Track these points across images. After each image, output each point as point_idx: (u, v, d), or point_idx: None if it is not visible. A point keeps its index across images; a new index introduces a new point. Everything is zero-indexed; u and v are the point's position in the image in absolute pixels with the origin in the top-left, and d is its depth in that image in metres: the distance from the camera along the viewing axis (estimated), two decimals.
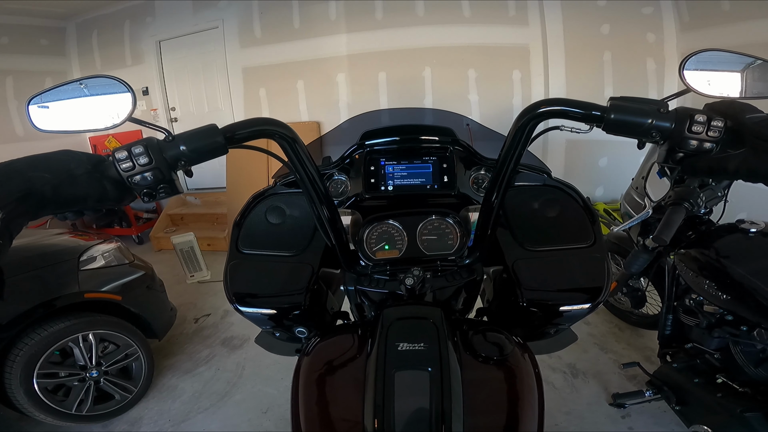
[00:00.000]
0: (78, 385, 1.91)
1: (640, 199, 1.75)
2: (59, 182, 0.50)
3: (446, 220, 0.85)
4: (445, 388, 0.55)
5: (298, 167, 0.66)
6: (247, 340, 2.68)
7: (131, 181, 0.54)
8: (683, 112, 0.56)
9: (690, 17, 3.56)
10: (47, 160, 0.51)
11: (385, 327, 0.64)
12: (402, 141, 0.93)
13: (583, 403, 1.97)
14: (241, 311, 0.82)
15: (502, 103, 4.15)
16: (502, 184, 0.70)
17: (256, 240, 0.88)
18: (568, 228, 0.85)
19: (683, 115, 0.55)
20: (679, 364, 1.55)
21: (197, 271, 3.66)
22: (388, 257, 0.83)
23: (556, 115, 0.59)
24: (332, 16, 4.36)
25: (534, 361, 0.67)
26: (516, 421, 0.59)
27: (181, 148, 0.56)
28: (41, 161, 0.50)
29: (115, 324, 2.04)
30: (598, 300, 0.77)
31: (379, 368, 0.58)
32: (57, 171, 0.50)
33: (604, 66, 3.88)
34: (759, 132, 0.50)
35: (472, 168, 0.94)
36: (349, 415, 0.59)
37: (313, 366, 0.68)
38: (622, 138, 0.60)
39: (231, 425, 2.00)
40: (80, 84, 0.58)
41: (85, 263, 1.98)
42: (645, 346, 2.33)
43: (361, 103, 4.44)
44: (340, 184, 0.95)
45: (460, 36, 4.11)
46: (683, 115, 0.55)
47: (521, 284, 0.78)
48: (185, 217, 4.89)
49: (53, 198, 0.50)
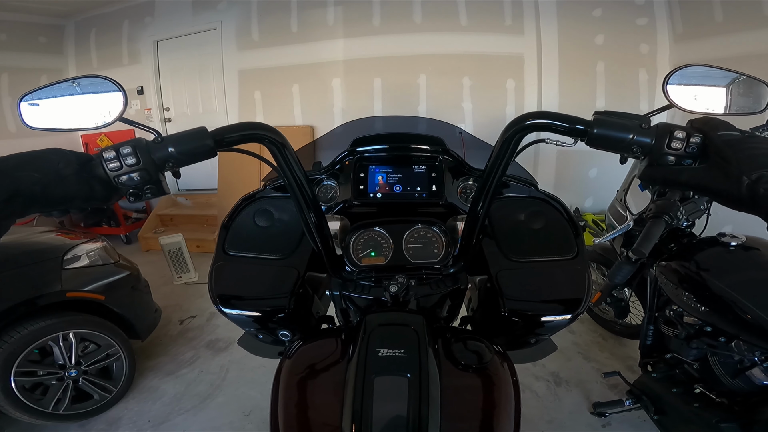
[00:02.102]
0: (56, 384, 1.89)
1: (623, 211, 1.77)
2: (47, 182, 0.49)
3: (432, 229, 0.85)
4: (423, 394, 0.55)
5: (287, 172, 0.67)
6: (232, 342, 2.65)
7: (118, 180, 0.54)
8: (663, 127, 0.56)
9: (684, 28, 3.59)
10: (36, 159, 0.50)
11: (367, 332, 0.64)
12: (392, 149, 0.94)
13: (565, 411, 1.98)
14: (224, 312, 0.82)
15: (496, 112, 4.18)
16: (488, 194, 0.70)
17: (244, 242, 0.88)
18: (552, 240, 0.86)
19: (663, 130, 0.56)
20: (659, 374, 1.57)
21: (185, 273, 3.64)
22: (373, 264, 0.84)
23: (541, 128, 0.60)
24: (330, 21, 4.39)
25: (513, 369, 0.67)
26: (492, 427, 0.60)
27: (169, 149, 0.56)
28: (29, 160, 0.50)
29: (97, 324, 2.02)
30: (578, 311, 0.77)
31: (359, 373, 0.58)
32: (45, 170, 0.50)
33: (597, 76, 3.92)
34: (721, 149, 0.50)
35: (461, 178, 0.95)
36: (327, 418, 0.59)
37: (295, 369, 0.68)
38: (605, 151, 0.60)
39: (212, 427, 1.98)
40: (73, 83, 0.59)
41: (68, 262, 1.97)
42: (627, 356, 2.34)
43: (356, 108, 4.46)
44: (329, 189, 0.95)
45: (456, 44, 4.14)
46: (663, 131, 0.56)
47: (504, 294, 0.78)
48: (175, 218, 4.86)
49: (41, 198, 0.49)
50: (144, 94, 5.16)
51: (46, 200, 0.50)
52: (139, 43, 5.06)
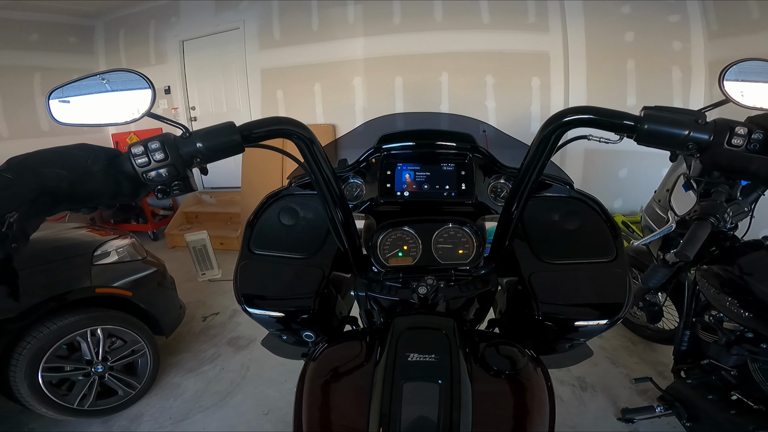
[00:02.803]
0: (82, 380, 1.91)
1: (663, 213, 1.71)
2: (75, 178, 0.49)
3: (463, 229, 0.83)
4: (454, 402, 0.53)
5: (314, 168, 0.65)
6: (254, 340, 2.68)
7: (146, 176, 0.54)
8: (722, 123, 0.53)
9: (718, 25, 3.47)
10: (64, 156, 0.50)
11: (395, 336, 0.63)
12: (420, 146, 0.92)
13: (590, 417, 1.93)
14: (249, 312, 0.81)
15: (520, 111, 4.11)
16: (523, 194, 0.67)
17: (268, 241, 0.87)
18: (588, 242, 0.82)
19: (722, 126, 0.53)
20: (694, 381, 1.53)
21: (209, 270, 3.70)
22: (401, 264, 0.82)
23: (584, 124, 0.57)
24: (350, 19, 4.40)
25: (547, 375, 0.65)
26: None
27: (197, 145, 0.55)
28: (57, 156, 0.50)
29: (124, 320, 2.05)
30: (618, 316, 0.74)
31: (387, 378, 0.56)
32: (73, 167, 0.50)
33: (627, 74, 3.80)
34: None
35: (492, 176, 0.92)
36: (352, 423, 0.58)
37: (319, 371, 0.66)
38: (644, 149, 0.57)
39: (230, 426, 1.99)
40: (102, 79, 0.58)
41: (98, 258, 2.00)
42: (658, 362, 2.28)
43: (377, 107, 4.45)
44: (355, 187, 0.94)
45: (478, 42, 4.09)
46: (722, 127, 0.53)
47: (537, 297, 0.75)
48: (200, 215, 4.95)
49: (69, 195, 0.49)
50: (171, 93, 5.28)
51: (73, 197, 0.50)
52: (166, 43, 5.17)
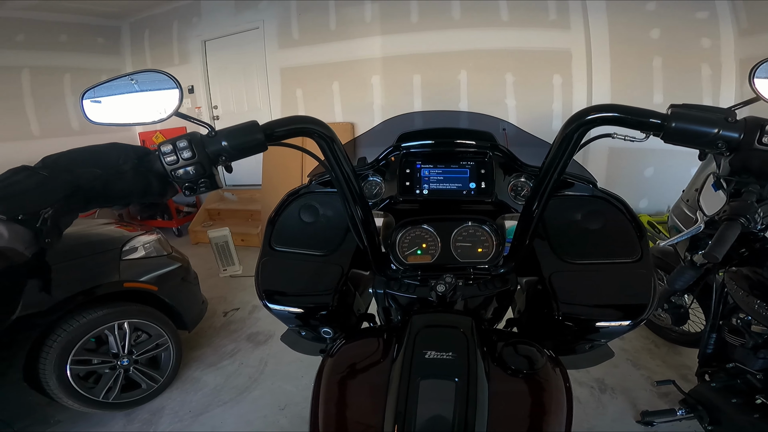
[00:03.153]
0: (108, 373, 1.97)
1: (691, 213, 1.67)
2: (108, 177, 0.51)
3: (482, 228, 0.82)
4: (470, 400, 0.53)
5: (335, 166, 0.66)
6: (272, 336, 2.72)
7: (174, 174, 0.56)
8: (753, 121, 0.52)
9: (749, 23, 3.35)
10: (97, 155, 0.52)
11: (413, 333, 0.63)
12: (439, 144, 0.92)
13: (608, 419, 1.90)
14: (269, 308, 0.83)
15: (541, 109, 4.05)
16: (544, 193, 0.67)
17: (289, 238, 0.89)
18: (612, 241, 0.81)
19: (753, 125, 0.52)
20: (718, 384, 1.51)
21: (230, 266, 3.76)
22: (419, 262, 0.82)
23: (609, 122, 0.56)
24: (367, 18, 4.40)
25: (565, 375, 0.65)
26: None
27: (222, 143, 0.57)
28: (90, 156, 0.52)
29: (150, 314, 2.10)
30: (642, 318, 0.73)
31: (404, 375, 0.57)
32: (106, 166, 0.52)
33: (653, 72, 3.70)
34: None
35: (512, 175, 0.91)
36: (368, 419, 0.59)
37: (336, 367, 0.67)
38: (671, 147, 0.56)
39: (247, 421, 2.02)
40: (131, 79, 0.60)
41: (126, 253, 2.05)
42: (681, 365, 2.23)
43: (395, 105, 4.45)
44: (374, 185, 0.94)
45: (497, 40, 4.04)
46: (753, 125, 0.52)
47: (558, 297, 0.75)
48: (222, 212, 5.05)
49: (102, 193, 0.51)
50: (194, 92, 5.39)
51: (106, 195, 0.52)
52: (189, 43, 5.28)
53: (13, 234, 0.43)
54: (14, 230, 0.44)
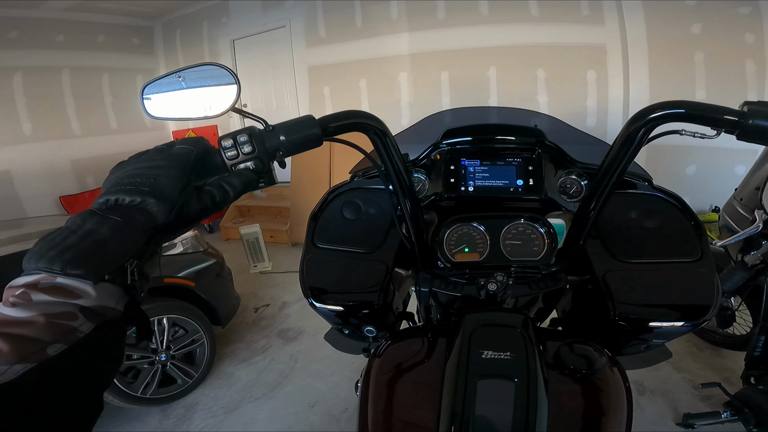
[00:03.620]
0: (147, 368, 2.00)
1: (746, 212, 1.61)
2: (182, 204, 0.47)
3: (534, 226, 0.81)
4: (531, 401, 0.52)
5: (386, 161, 0.66)
6: (302, 332, 2.75)
7: (234, 170, 0.55)
8: None
9: None
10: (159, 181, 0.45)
11: (467, 333, 0.62)
12: (485, 141, 0.90)
13: (647, 422, 1.86)
14: (315, 306, 0.83)
15: (575, 105, 3.96)
16: (603, 192, 0.65)
17: (332, 235, 0.89)
18: (669, 241, 0.78)
19: None
20: (766, 387, 1.50)
21: (260, 262, 3.82)
22: (467, 260, 0.80)
23: (678, 119, 0.54)
24: (393, 15, 4.39)
25: (625, 375, 0.63)
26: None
27: (280, 138, 0.56)
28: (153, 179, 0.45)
29: (187, 309, 2.14)
30: (704, 318, 0.70)
31: (461, 375, 0.56)
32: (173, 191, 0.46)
33: (695, 67, 3.57)
34: None
35: (563, 171, 0.89)
36: (421, 420, 0.58)
37: (385, 368, 0.67)
38: (715, 144, 0.54)
39: (278, 417, 2.05)
40: (178, 77, 0.60)
41: (166, 249, 2.09)
42: (725, 368, 2.15)
43: (423, 102, 4.42)
44: (417, 182, 0.93)
45: (527, 35, 3.97)
46: None
47: (613, 297, 0.73)
48: (252, 209, 5.13)
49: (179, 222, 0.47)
50: None
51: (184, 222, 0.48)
52: (219, 42, 5.38)
53: (101, 293, 0.39)
54: (102, 289, 0.39)
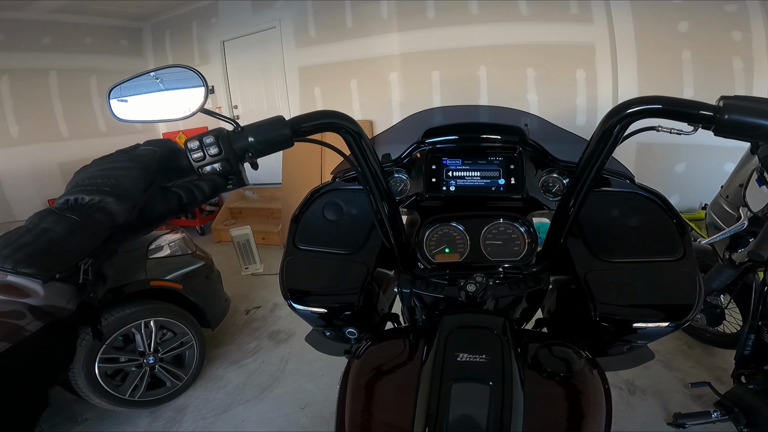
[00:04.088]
0: (135, 371, 2.00)
1: (732, 210, 1.62)
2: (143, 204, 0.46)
3: (514, 225, 0.80)
4: (506, 404, 0.52)
5: (362, 162, 0.65)
6: (293, 334, 2.74)
7: (201, 171, 0.54)
8: None
9: None
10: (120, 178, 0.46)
11: (443, 335, 0.61)
12: (467, 140, 0.89)
13: (638, 422, 1.86)
14: (294, 308, 0.82)
15: (565, 104, 3.97)
16: (581, 190, 0.64)
17: (313, 236, 0.87)
18: (651, 239, 0.77)
19: None
20: (756, 386, 1.49)
21: (251, 264, 3.80)
22: (448, 261, 0.80)
23: (654, 115, 0.53)
24: (384, 15, 4.38)
25: (604, 378, 0.62)
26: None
27: (249, 139, 0.56)
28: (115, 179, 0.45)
29: (175, 312, 2.13)
30: (687, 318, 0.69)
31: (435, 377, 0.55)
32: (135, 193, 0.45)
33: (683, 65, 3.60)
34: None
35: (544, 170, 0.88)
36: (396, 422, 0.58)
37: (363, 369, 0.66)
38: (704, 142, 0.53)
39: (269, 419, 2.04)
40: (156, 77, 0.60)
41: (152, 252, 2.09)
42: (716, 366, 2.16)
43: (414, 102, 4.42)
44: (399, 182, 0.91)
45: (517, 34, 3.98)
46: None
47: (594, 297, 0.72)
48: (243, 210, 5.12)
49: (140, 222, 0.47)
50: (215, 92, 5.46)
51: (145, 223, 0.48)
52: (208, 43, 5.35)
53: (51, 292, 0.38)
54: (52, 288, 0.38)
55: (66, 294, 0.40)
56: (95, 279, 0.42)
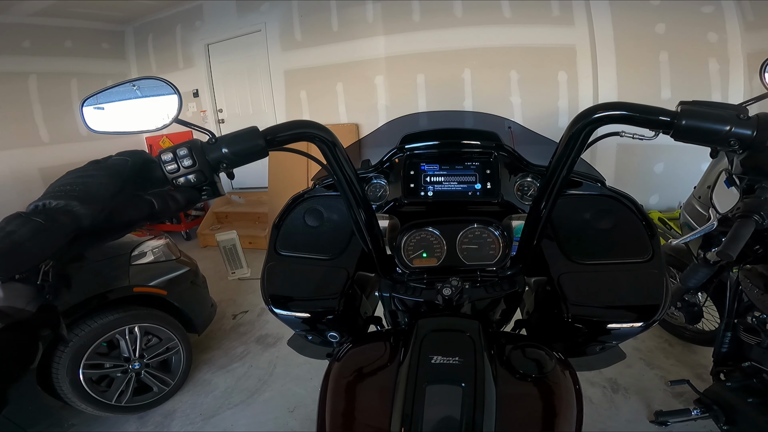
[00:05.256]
0: (120, 377, 1.99)
1: (703, 210, 1.65)
2: (111, 209, 0.47)
3: (488, 229, 0.81)
4: (477, 405, 0.53)
5: (337, 170, 0.66)
6: (281, 338, 2.73)
7: (176, 182, 0.55)
8: (766, 119, 0.51)
9: (755, 17, 3.35)
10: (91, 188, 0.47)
11: (419, 338, 0.63)
12: (443, 145, 0.90)
13: (622, 419, 1.89)
14: (275, 313, 0.82)
15: (547, 106, 4.03)
16: (551, 193, 0.66)
17: (294, 242, 0.88)
18: (622, 241, 0.79)
19: (766, 122, 0.51)
20: (734, 383, 1.49)
21: (238, 269, 3.78)
22: (425, 265, 0.81)
23: (616, 120, 0.55)
24: (369, 18, 4.40)
25: (575, 378, 0.64)
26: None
27: (223, 150, 0.56)
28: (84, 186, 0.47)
29: (160, 318, 2.12)
30: (654, 319, 0.71)
31: (410, 380, 0.57)
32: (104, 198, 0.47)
33: (660, 67, 3.68)
34: None
35: (518, 174, 0.89)
36: (375, 423, 0.59)
37: (343, 372, 0.67)
38: (682, 143, 0.55)
39: (257, 423, 2.03)
40: (132, 86, 0.60)
41: (135, 258, 2.07)
42: (697, 363, 2.20)
43: (400, 105, 4.45)
44: (378, 188, 0.93)
45: (500, 37, 4.03)
46: (766, 123, 0.51)
47: (567, 299, 0.73)
48: (229, 215, 5.07)
49: (106, 228, 0.47)
50: (199, 96, 5.41)
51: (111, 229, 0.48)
52: (192, 46, 5.30)
53: (10, 293, 0.39)
54: (11, 289, 0.39)
55: (25, 295, 0.41)
56: (56, 281, 0.43)
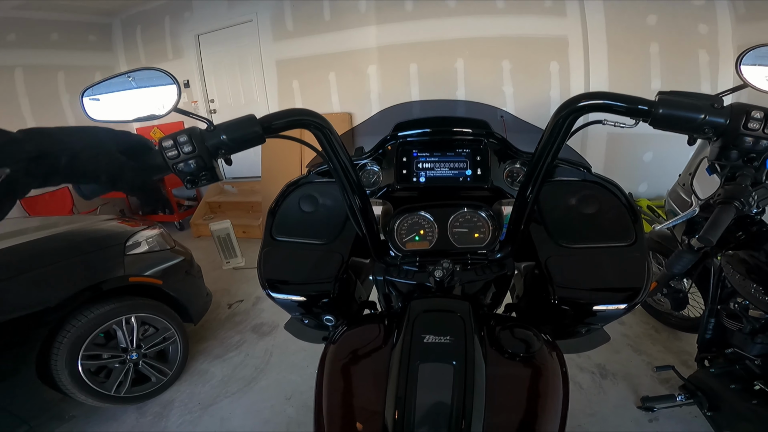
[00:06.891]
0: (118, 367, 1.99)
1: (687, 197, 1.67)
2: (79, 152, 0.51)
3: (479, 213, 0.84)
4: (468, 383, 0.55)
5: (332, 156, 0.68)
6: (276, 326, 2.75)
7: (176, 168, 0.57)
8: (739, 107, 0.53)
9: (746, 9, 3.38)
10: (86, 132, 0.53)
11: (411, 319, 0.64)
12: (435, 133, 0.92)
13: (610, 405, 1.92)
14: (272, 297, 0.85)
15: (539, 96, 4.05)
16: (537, 178, 0.68)
17: (289, 228, 0.90)
18: (607, 225, 0.82)
19: (739, 111, 0.53)
20: (717, 369, 1.52)
21: (233, 258, 3.78)
22: (417, 248, 0.84)
23: (598, 109, 0.58)
24: (362, 8, 4.37)
25: (562, 359, 0.66)
26: (537, 419, 0.59)
27: (221, 137, 0.58)
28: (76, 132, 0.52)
29: (156, 308, 2.12)
30: (636, 301, 0.74)
31: (404, 360, 0.58)
32: (85, 143, 0.51)
33: (651, 58, 3.70)
34: None
35: (507, 161, 0.92)
36: (370, 404, 0.61)
37: (339, 354, 0.69)
38: (670, 132, 0.58)
39: (255, 411, 2.06)
40: (128, 77, 0.61)
41: (130, 248, 2.07)
42: (682, 350, 2.24)
43: (392, 94, 4.44)
44: (372, 174, 0.95)
45: (493, 27, 4.03)
46: (739, 111, 0.53)
47: (553, 281, 0.76)
48: (222, 204, 5.05)
49: (67, 166, 0.50)
50: (190, 87, 5.35)
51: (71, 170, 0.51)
52: (182, 38, 5.23)
53: None
54: None
55: None
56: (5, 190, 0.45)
